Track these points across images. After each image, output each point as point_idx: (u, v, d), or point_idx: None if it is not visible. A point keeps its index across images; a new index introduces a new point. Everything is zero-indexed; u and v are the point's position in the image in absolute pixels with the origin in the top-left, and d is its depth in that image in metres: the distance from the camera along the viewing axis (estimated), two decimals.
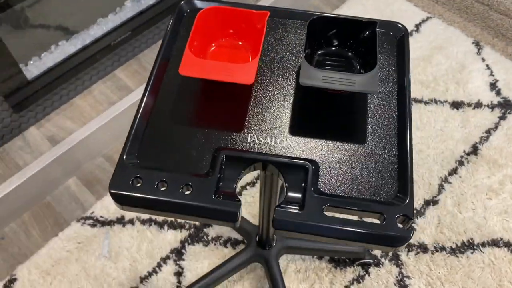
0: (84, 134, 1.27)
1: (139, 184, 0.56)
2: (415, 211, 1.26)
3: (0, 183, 1.19)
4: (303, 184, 0.56)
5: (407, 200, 0.55)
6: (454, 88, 1.48)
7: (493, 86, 1.48)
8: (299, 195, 0.55)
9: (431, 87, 1.48)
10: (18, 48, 1.14)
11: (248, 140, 0.60)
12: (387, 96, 0.65)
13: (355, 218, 0.55)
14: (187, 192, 0.55)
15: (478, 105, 1.44)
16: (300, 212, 0.53)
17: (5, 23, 1.08)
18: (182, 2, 0.72)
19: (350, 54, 0.67)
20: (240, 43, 0.68)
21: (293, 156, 0.59)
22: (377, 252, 1.19)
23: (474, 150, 1.35)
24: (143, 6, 1.33)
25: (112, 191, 0.55)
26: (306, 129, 0.61)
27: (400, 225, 0.53)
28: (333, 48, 0.67)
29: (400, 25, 0.71)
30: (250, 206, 1.27)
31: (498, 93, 1.47)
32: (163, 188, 0.56)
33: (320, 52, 0.67)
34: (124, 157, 0.57)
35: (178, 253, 1.18)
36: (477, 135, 1.38)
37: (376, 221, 0.55)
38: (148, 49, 1.43)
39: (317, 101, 0.63)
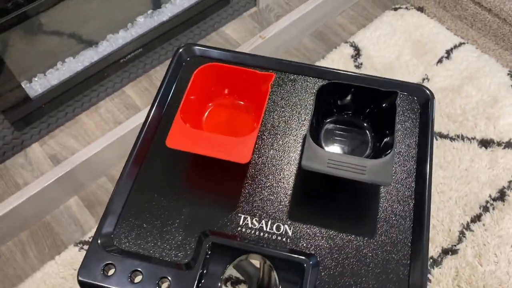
0: (88, 154, 1.21)
1: (112, 271, 0.50)
2: (431, 260, 1.17)
3: None
4: None
5: None
6: (484, 124, 1.37)
7: None
8: None
9: (458, 122, 1.38)
10: (22, 64, 1.09)
11: (240, 223, 0.53)
12: (404, 177, 0.56)
13: None
14: (165, 286, 0.49)
15: (509, 144, 1.33)
16: None
17: (10, 39, 1.03)
18: (181, 49, 0.65)
19: (365, 124, 0.59)
20: (241, 102, 0.61)
21: (289, 247, 0.51)
22: None
23: (501, 195, 1.25)
24: (155, 22, 1.26)
25: (80, 279, 0.49)
26: (307, 213, 0.54)
27: None
28: (345, 116, 0.59)
29: (426, 90, 0.62)
30: None
31: None
32: (137, 280, 0.49)
33: (330, 119, 0.59)
34: (99, 240, 0.51)
35: None
36: (506, 178, 1.28)
37: None
38: (160, 65, 1.37)
39: (322, 181, 0.56)
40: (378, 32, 1.56)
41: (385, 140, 0.55)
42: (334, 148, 0.57)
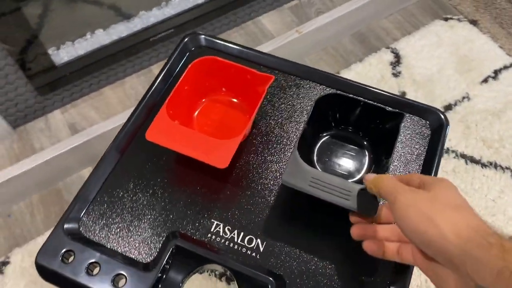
0: (106, 127, 1.21)
1: (71, 259, 0.48)
2: None
3: (14, 162, 1.17)
4: None
5: None
6: None
7: None
8: None
9: (494, 148, 1.28)
10: (51, 31, 1.10)
11: (212, 230, 0.50)
12: None
13: None
14: (121, 284, 0.47)
15: None
16: None
17: (44, 5, 1.04)
18: (187, 39, 0.62)
19: (364, 142, 0.54)
20: (235, 100, 0.57)
21: (258, 263, 0.48)
22: None
23: None
24: (190, 4, 1.24)
25: (38, 262, 0.48)
26: (284, 231, 0.50)
27: None
28: (344, 131, 0.55)
29: (441, 115, 0.56)
30: None
31: None
32: (95, 272, 0.47)
33: (327, 132, 0.55)
34: (64, 225, 0.49)
35: None
36: None
37: None
38: None
39: (307, 199, 0.52)
40: (423, 41, 1.47)
41: (382, 164, 0.50)
42: (327, 165, 0.53)
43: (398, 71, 1.42)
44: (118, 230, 0.50)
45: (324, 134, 0.54)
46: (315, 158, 0.53)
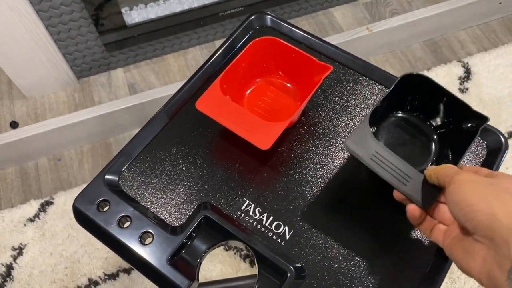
0: (162, 93, 1.25)
1: (106, 208, 0.50)
2: None
3: (72, 111, 1.23)
4: None
5: None
6: None
7: None
8: None
9: None
10: None
11: (242, 208, 0.50)
12: None
13: None
14: (147, 241, 0.48)
15: None
16: None
17: None
18: (253, 16, 0.61)
19: (434, 136, 0.51)
20: (289, 85, 0.57)
21: (281, 250, 0.48)
22: None
23: None
24: None
25: (75, 205, 0.50)
26: (313, 224, 0.49)
27: None
28: (416, 118, 0.52)
29: (501, 136, 0.53)
30: None
31: None
32: (125, 225, 0.49)
33: (398, 114, 0.53)
34: (106, 175, 0.51)
35: None
36: None
37: None
38: None
39: (346, 197, 0.51)
40: (499, 60, 1.39)
41: (445, 163, 0.47)
42: (390, 146, 0.50)
43: (465, 87, 1.36)
44: (154, 190, 0.51)
45: (395, 115, 0.52)
46: (379, 135, 0.52)
